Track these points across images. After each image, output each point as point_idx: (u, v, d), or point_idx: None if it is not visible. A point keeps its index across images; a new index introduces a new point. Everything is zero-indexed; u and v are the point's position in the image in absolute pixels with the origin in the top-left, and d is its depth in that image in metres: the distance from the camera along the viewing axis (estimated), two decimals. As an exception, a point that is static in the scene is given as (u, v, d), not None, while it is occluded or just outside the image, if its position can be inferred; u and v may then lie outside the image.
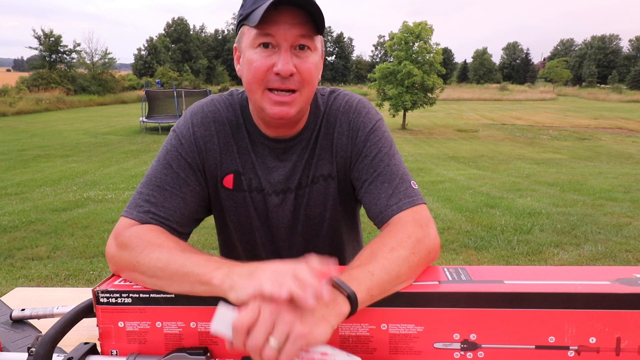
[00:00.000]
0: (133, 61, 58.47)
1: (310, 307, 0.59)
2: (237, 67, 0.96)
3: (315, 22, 0.86)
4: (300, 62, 0.87)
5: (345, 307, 0.66)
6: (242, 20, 0.90)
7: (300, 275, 0.60)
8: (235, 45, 0.97)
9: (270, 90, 0.89)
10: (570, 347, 0.71)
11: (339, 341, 0.74)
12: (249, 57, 0.88)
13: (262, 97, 0.90)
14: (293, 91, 0.89)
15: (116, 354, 0.77)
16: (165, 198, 0.91)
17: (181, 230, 0.93)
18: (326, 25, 0.90)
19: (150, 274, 0.76)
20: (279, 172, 1.00)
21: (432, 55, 19.34)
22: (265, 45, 0.86)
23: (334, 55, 76.82)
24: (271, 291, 0.59)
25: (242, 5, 0.91)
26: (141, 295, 0.75)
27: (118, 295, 0.75)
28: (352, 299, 0.66)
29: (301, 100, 0.91)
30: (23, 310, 1.00)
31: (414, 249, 0.78)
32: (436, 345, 0.73)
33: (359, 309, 0.67)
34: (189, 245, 0.83)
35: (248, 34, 0.88)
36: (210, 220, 1.14)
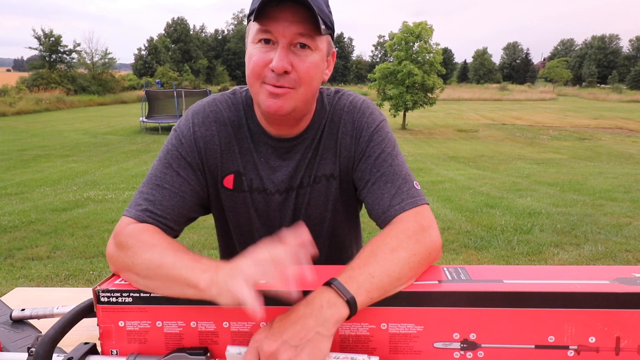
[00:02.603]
0: (133, 61, 58.45)
1: (295, 300, 0.64)
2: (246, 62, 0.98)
3: (318, 21, 0.85)
4: (299, 60, 0.87)
5: (344, 312, 0.66)
6: (249, 15, 0.90)
7: (280, 260, 0.62)
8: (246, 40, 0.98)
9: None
10: (570, 347, 0.71)
11: (338, 341, 0.74)
12: (250, 52, 0.89)
13: (259, 91, 0.90)
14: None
15: (116, 354, 0.77)
16: (163, 196, 0.91)
17: (177, 228, 0.94)
18: (330, 26, 0.90)
19: (143, 275, 0.76)
20: (283, 171, 1.00)
21: (432, 55, 19.35)
22: (267, 42, 0.86)
23: (334, 55, 76.74)
24: (252, 304, 0.60)
25: (252, 2, 0.91)
26: (142, 294, 0.75)
27: (119, 294, 0.75)
28: (351, 304, 0.67)
29: (296, 98, 0.89)
30: (23, 310, 1.00)
31: (415, 250, 0.78)
32: (436, 344, 0.73)
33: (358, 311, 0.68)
34: (182, 246, 0.82)
35: (252, 29, 0.89)
36: (210, 220, 1.14)
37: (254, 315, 0.59)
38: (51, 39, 34.10)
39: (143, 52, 57.41)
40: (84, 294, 1.19)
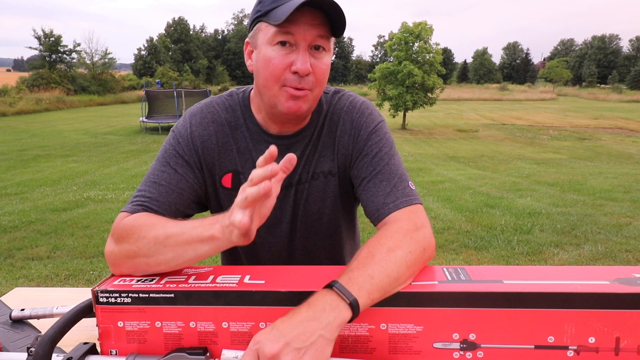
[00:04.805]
0: (133, 61, 58.49)
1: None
2: (248, 62, 0.98)
3: (333, 23, 0.88)
4: (316, 62, 0.90)
5: (347, 314, 0.66)
6: (260, 16, 0.91)
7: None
8: (247, 40, 0.98)
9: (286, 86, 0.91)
10: (570, 347, 0.71)
11: (338, 341, 0.74)
12: (266, 54, 0.89)
13: (278, 93, 0.91)
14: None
15: (116, 354, 0.77)
16: (160, 193, 0.92)
17: None
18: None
19: (152, 253, 0.77)
20: None
21: (432, 55, 19.34)
22: (283, 43, 0.88)
23: (334, 55, 76.78)
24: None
25: (260, 2, 0.92)
26: (140, 295, 0.75)
27: (117, 295, 0.75)
28: (354, 306, 0.66)
29: (312, 98, 0.93)
30: (23, 310, 1.00)
31: (411, 248, 0.78)
32: (435, 345, 0.73)
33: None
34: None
35: (266, 30, 0.90)
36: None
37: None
38: (51, 39, 34.09)
39: (143, 52, 57.44)
40: (83, 294, 1.19)
